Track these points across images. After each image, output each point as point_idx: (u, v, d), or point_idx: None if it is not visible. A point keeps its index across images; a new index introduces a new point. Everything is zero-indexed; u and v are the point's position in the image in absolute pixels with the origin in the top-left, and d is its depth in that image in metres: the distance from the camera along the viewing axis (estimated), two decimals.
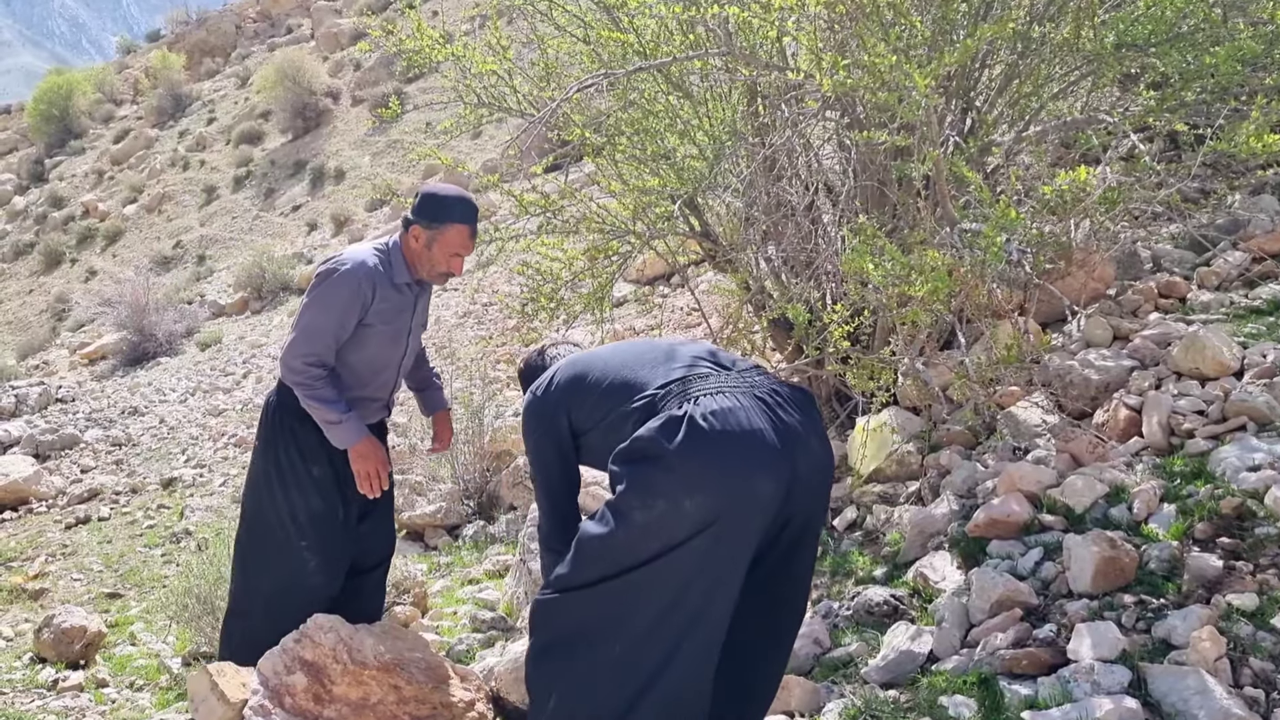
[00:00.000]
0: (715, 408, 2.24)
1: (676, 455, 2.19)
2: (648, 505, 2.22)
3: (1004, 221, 2.44)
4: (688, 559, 2.23)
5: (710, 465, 2.19)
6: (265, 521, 3.40)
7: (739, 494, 2.22)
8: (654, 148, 4.12)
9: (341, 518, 3.41)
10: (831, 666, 3.10)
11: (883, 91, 2.52)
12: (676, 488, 2.20)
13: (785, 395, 2.37)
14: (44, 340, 18.46)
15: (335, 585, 3.42)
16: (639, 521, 2.23)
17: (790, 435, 2.28)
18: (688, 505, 2.19)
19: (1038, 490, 3.43)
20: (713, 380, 2.33)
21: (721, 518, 2.21)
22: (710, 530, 2.21)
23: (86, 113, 31.31)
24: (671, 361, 2.43)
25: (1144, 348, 4.11)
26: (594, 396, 2.47)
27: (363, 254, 3.28)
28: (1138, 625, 2.73)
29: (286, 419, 3.35)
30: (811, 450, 2.34)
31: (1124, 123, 3.13)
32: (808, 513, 2.41)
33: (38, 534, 7.49)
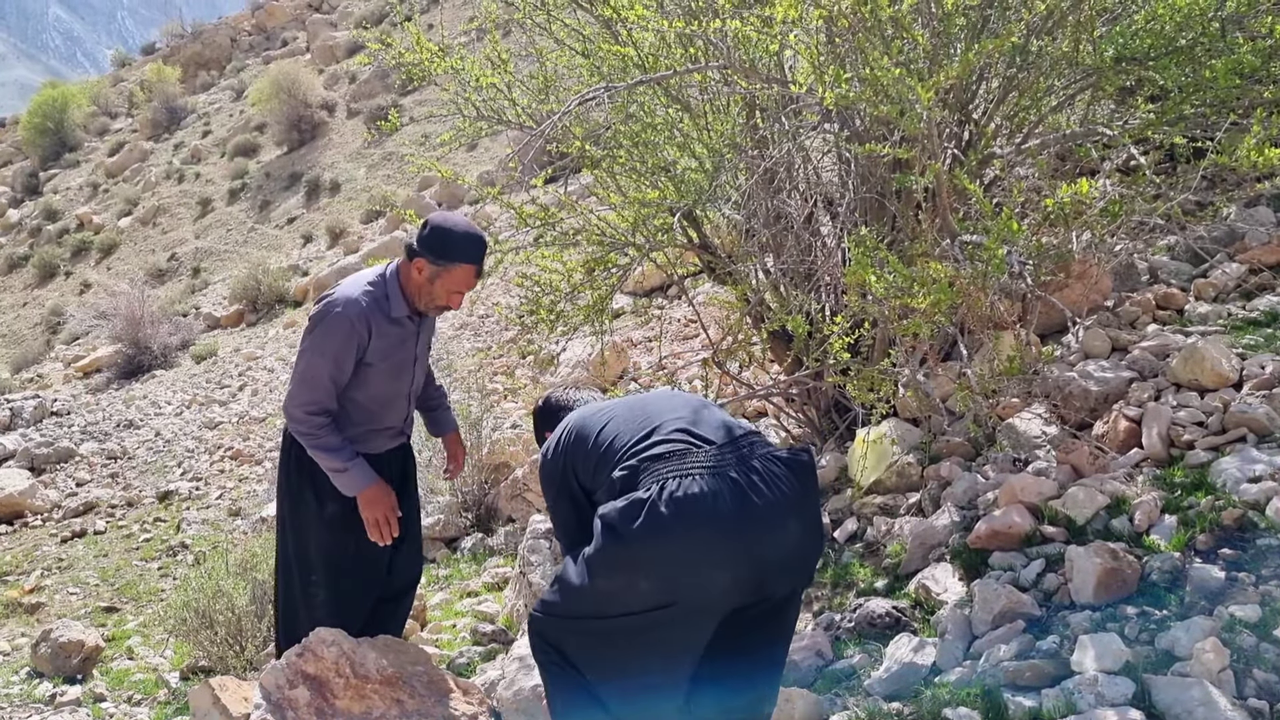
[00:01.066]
0: (680, 494, 2.24)
1: (635, 539, 2.23)
2: (609, 576, 2.31)
3: (1005, 233, 2.45)
4: (646, 626, 2.32)
5: (665, 555, 2.24)
6: (284, 556, 3.42)
7: (692, 585, 2.28)
8: (654, 160, 4.13)
9: (354, 552, 3.35)
10: (834, 679, 3.09)
11: (884, 104, 2.53)
12: (633, 569, 2.28)
13: (765, 472, 2.33)
14: (38, 353, 18.43)
15: (351, 622, 3.31)
16: (602, 587, 2.32)
17: (758, 522, 2.27)
18: (644, 586, 2.28)
19: (1039, 501, 3.43)
20: (688, 460, 2.32)
21: (678, 602, 2.29)
22: (667, 609, 2.29)
23: (81, 126, 31.33)
24: (655, 434, 2.42)
25: (1143, 359, 4.12)
26: (592, 461, 2.51)
27: (355, 291, 3.16)
28: (1140, 636, 2.73)
29: (302, 455, 3.31)
30: (788, 533, 2.33)
31: (1123, 136, 3.14)
32: (789, 586, 2.46)
33: (33, 548, 7.46)
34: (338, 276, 15.13)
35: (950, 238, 2.96)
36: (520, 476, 5.98)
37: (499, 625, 4.45)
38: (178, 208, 23.71)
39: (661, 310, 8.93)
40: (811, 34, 3.21)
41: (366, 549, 3.34)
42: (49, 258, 23.25)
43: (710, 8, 3.90)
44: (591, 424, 2.54)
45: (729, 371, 4.99)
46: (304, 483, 3.32)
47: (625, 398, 2.70)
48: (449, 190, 17.41)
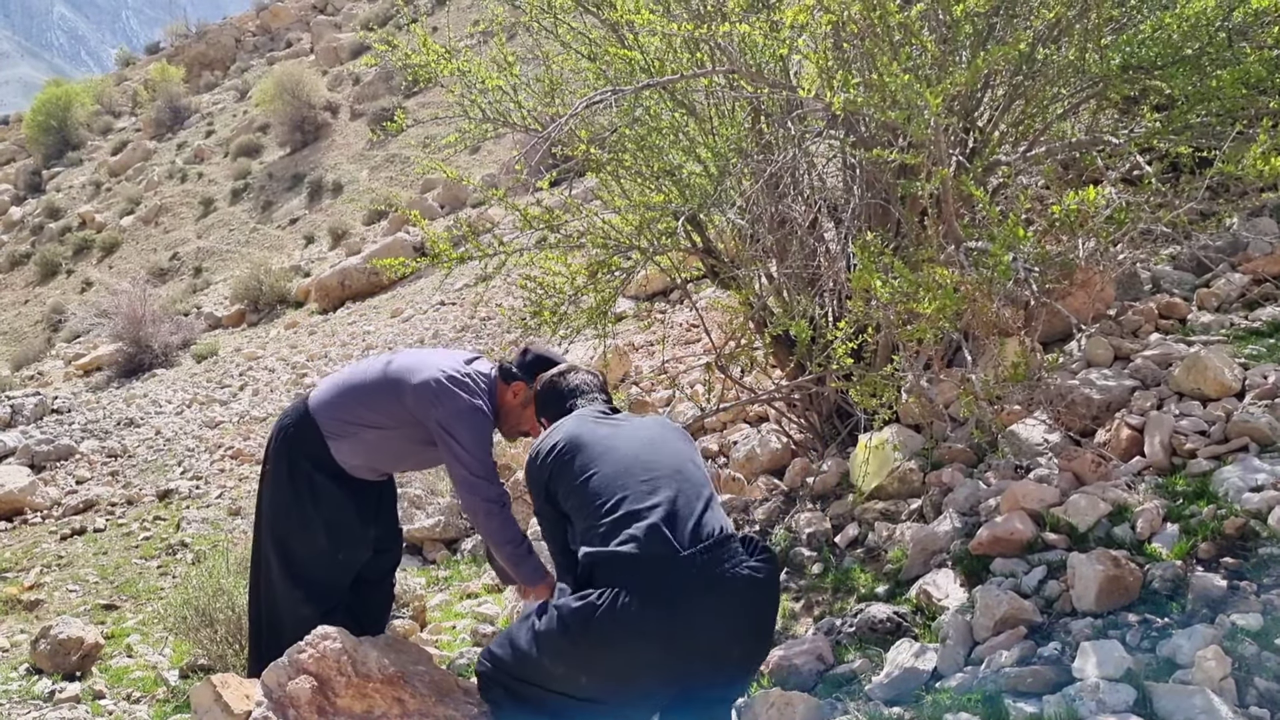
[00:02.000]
0: (633, 608, 2.34)
1: (581, 640, 2.39)
2: (553, 661, 2.47)
3: (1011, 240, 2.46)
4: (586, 709, 2.49)
5: (604, 663, 2.42)
6: (267, 548, 3.42)
7: (623, 693, 2.47)
8: (659, 164, 4.14)
9: (342, 560, 3.43)
10: (835, 683, 3.10)
11: (891, 110, 2.54)
12: (575, 664, 2.45)
13: (721, 595, 2.40)
14: (39, 351, 18.44)
15: (332, 612, 3.39)
16: (547, 667, 2.49)
17: (703, 652, 2.40)
18: (583, 680, 2.46)
19: (1041, 508, 3.44)
20: (648, 572, 2.37)
21: (611, 701, 2.48)
22: (604, 703, 2.48)
23: (85, 124, 31.40)
24: (633, 520, 2.44)
25: (1145, 368, 4.13)
26: (569, 498, 2.59)
27: (480, 395, 3.23)
28: (1142, 644, 2.74)
29: (301, 458, 3.31)
30: (730, 659, 2.48)
31: (1129, 144, 3.15)
32: (728, 688, 2.62)
33: (33, 545, 7.45)
34: (340, 278, 15.16)
35: (955, 244, 2.96)
36: (521, 479, 5.98)
37: (499, 627, 4.45)
38: (180, 207, 23.74)
39: (664, 315, 8.94)
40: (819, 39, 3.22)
41: (349, 559, 3.45)
42: (51, 256, 23.29)
43: (719, 12, 3.91)
44: (581, 460, 2.60)
45: (731, 376, 4.99)
46: (302, 483, 3.32)
47: (618, 434, 2.69)
48: (452, 193, 17.45)
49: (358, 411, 3.28)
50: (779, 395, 5.00)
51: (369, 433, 3.28)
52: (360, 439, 3.29)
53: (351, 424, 3.28)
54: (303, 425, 3.33)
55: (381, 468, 3.45)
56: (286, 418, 3.42)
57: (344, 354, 11.78)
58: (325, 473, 3.31)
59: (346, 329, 13.09)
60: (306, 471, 3.31)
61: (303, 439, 3.32)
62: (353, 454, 3.31)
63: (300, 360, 12.16)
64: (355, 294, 14.93)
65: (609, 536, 2.44)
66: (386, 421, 3.26)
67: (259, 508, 3.47)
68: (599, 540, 2.46)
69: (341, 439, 3.29)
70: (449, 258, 4.58)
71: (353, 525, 3.40)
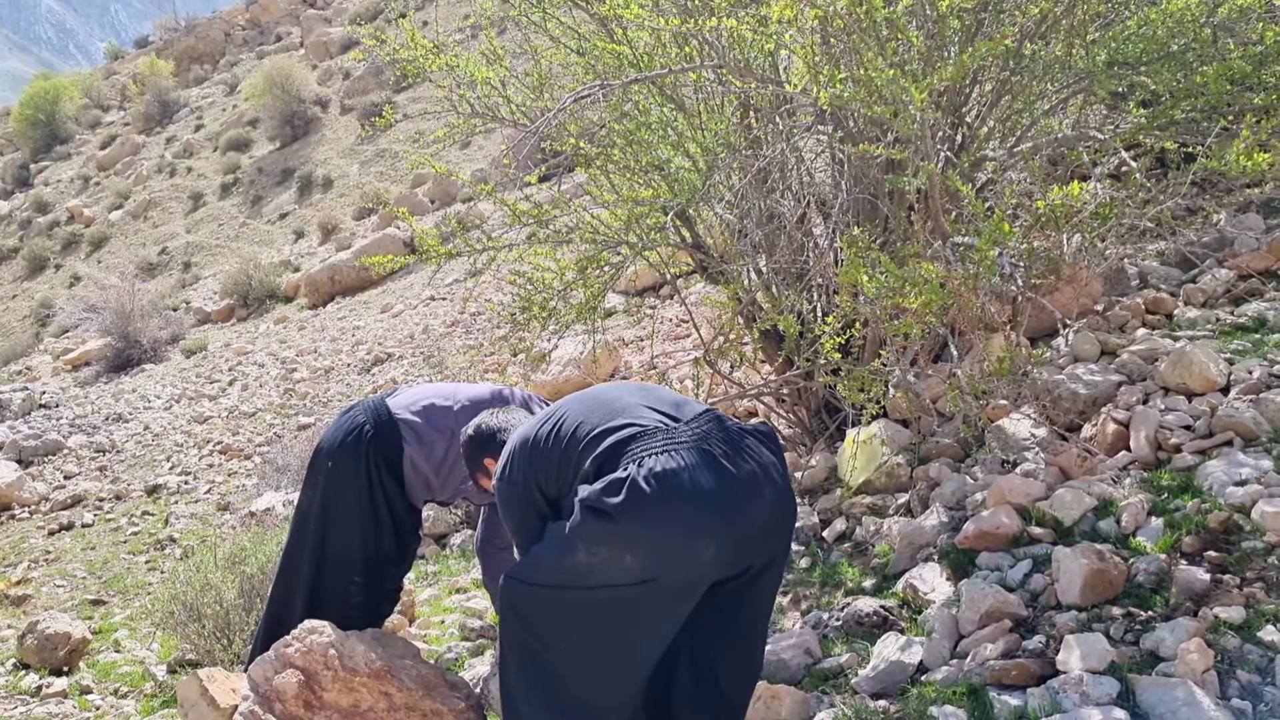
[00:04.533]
0: (659, 469, 2.24)
1: (618, 515, 2.23)
2: (591, 551, 2.28)
3: (997, 235, 2.47)
4: (627, 598, 2.32)
5: (649, 529, 2.24)
6: (315, 554, 3.42)
7: (679, 558, 2.28)
8: (648, 158, 4.14)
9: (395, 558, 3.47)
10: (822, 676, 3.11)
11: (878, 105, 2.54)
12: (618, 544, 2.26)
13: (737, 444, 2.35)
14: (27, 345, 18.36)
15: (377, 622, 3.45)
16: (583, 561, 2.29)
17: (736, 492, 2.29)
18: (628, 560, 2.27)
19: (1027, 503, 3.45)
20: (659, 438, 2.32)
21: (663, 576, 2.29)
22: (650, 583, 2.29)
23: (73, 118, 31.25)
24: (621, 416, 2.40)
25: (1131, 363, 4.14)
26: (554, 460, 2.45)
27: None
28: (1126, 637, 2.75)
29: (379, 462, 3.32)
30: (764, 501, 2.34)
31: (1115, 140, 3.16)
32: (768, 555, 2.46)
33: (20, 540, 7.43)
34: (330, 273, 15.12)
35: (942, 239, 2.97)
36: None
37: (487, 621, 4.45)
38: (169, 202, 23.65)
39: (653, 310, 8.94)
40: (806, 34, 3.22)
41: (403, 558, 3.50)
42: (39, 250, 23.18)
43: (706, 7, 3.91)
44: (542, 430, 2.50)
45: (720, 371, 5.00)
46: (376, 487, 3.32)
47: (569, 396, 2.65)
48: (442, 188, 17.40)
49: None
50: (767, 390, 5.00)
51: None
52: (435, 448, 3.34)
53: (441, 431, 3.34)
54: (379, 427, 3.36)
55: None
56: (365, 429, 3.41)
57: (334, 349, 11.75)
58: (394, 473, 3.35)
59: (336, 324, 13.06)
60: (380, 470, 3.35)
61: (378, 439, 3.35)
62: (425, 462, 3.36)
63: (290, 355, 12.12)
64: (345, 289, 14.88)
65: (608, 436, 2.35)
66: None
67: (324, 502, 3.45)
68: (599, 443, 2.36)
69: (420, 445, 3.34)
70: (438, 254, 4.58)
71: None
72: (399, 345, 10.98)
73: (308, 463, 3.58)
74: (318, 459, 3.46)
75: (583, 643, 2.39)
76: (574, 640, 2.39)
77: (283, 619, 3.41)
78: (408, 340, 11.06)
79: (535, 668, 2.44)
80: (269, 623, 3.48)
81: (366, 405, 3.47)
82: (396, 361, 10.51)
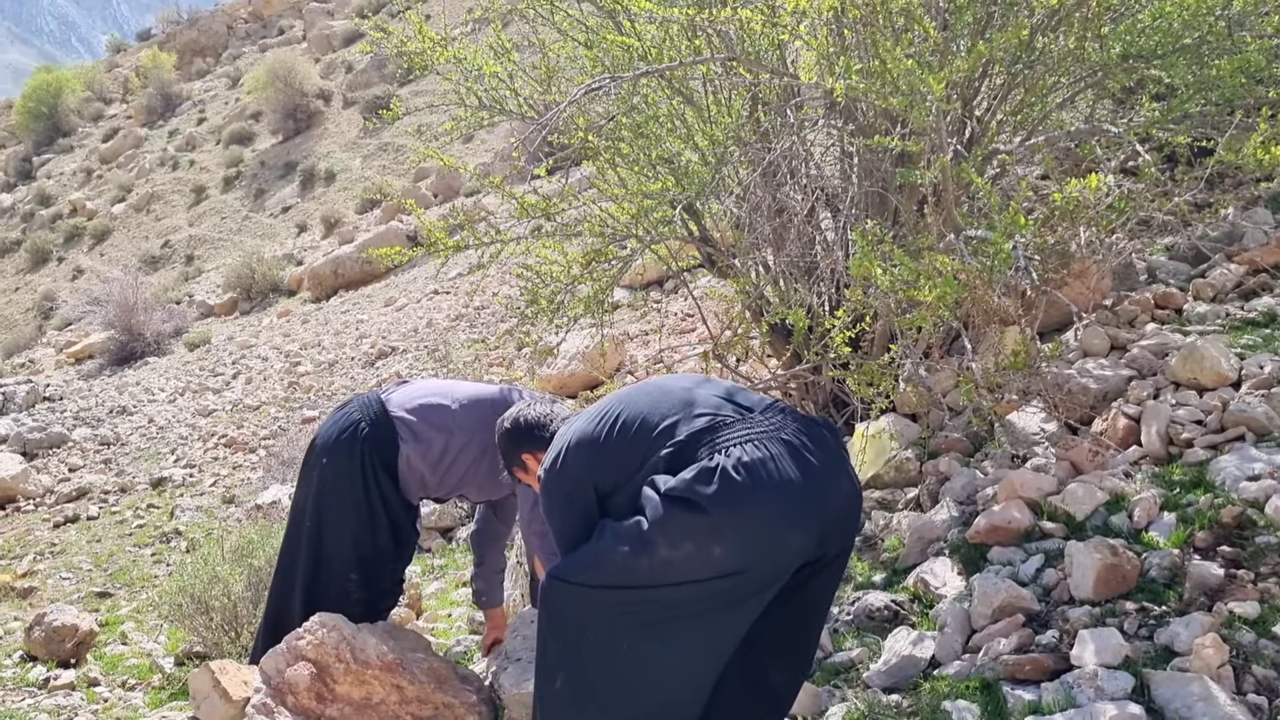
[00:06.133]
0: (746, 459, 2.21)
1: (710, 505, 2.17)
2: (675, 546, 2.21)
3: (1011, 228, 2.45)
4: (707, 593, 2.25)
5: (742, 521, 2.19)
6: (312, 552, 3.41)
7: (769, 549, 2.24)
8: (658, 151, 4.12)
9: (391, 556, 3.49)
10: (833, 671, 3.10)
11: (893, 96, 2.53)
12: (707, 536, 2.20)
13: (810, 435, 2.34)
14: (30, 339, 18.37)
15: (377, 614, 3.44)
16: (664, 556, 2.22)
17: (821, 481, 2.27)
18: (717, 552, 2.21)
19: (1038, 497, 3.44)
20: (739, 428, 2.29)
21: (751, 568, 2.24)
22: (737, 576, 2.23)
23: (75, 111, 31.21)
24: (694, 407, 2.36)
25: (1142, 357, 4.13)
26: (618, 455, 2.38)
27: None
28: (1140, 632, 2.74)
29: (374, 461, 3.31)
30: (842, 492, 2.34)
31: (1128, 134, 3.15)
32: (840, 545, 2.44)
33: (26, 532, 7.44)
34: (333, 267, 15.11)
35: (955, 232, 2.96)
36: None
37: None
38: (172, 195, 23.64)
39: (659, 304, 8.92)
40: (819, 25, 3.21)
41: (401, 555, 3.51)
42: (42, 243, 23.18)
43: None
44: (600, 427, 2.44)
45: (727, 365, 4.99)
46: (372, 485, 3.31)
47: (623, 390, 2.60)
48: (446, 182, 17.39)
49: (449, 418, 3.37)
50: (775, 384, 4.99)
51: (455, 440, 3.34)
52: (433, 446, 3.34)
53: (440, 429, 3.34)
54: (375, 425, 3.35)
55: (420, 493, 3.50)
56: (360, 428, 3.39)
57: (337, 343, 11.74)
58: (389, 472, 3.35)
59: (340, 318, 13.05)
60: (375, 468, 3.33)
61: (374, 437, 3.34)
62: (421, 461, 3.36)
63: (293, 349, 12.12)
64: (348, 283, 14.88)
65: (682, 427, 2.31)
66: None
67: (319, 499, 3.43)
68: (673, 434, 2.31)
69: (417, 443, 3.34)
70: (444, 246, 4.57)
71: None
72: (403, 339, 10.97)
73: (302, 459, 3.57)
74: (312, 455, 3.45)
75: (646, 648, 2.31)
76: (636, 645, 2.30)
77: (283, 615, 3.40)
78: (411, 334, 11.05)
79: (583, 677, 2.35)
80: (270, 620, 3.48)
81: (362, 401, 3.44)
82: (400, 355, 10.51)
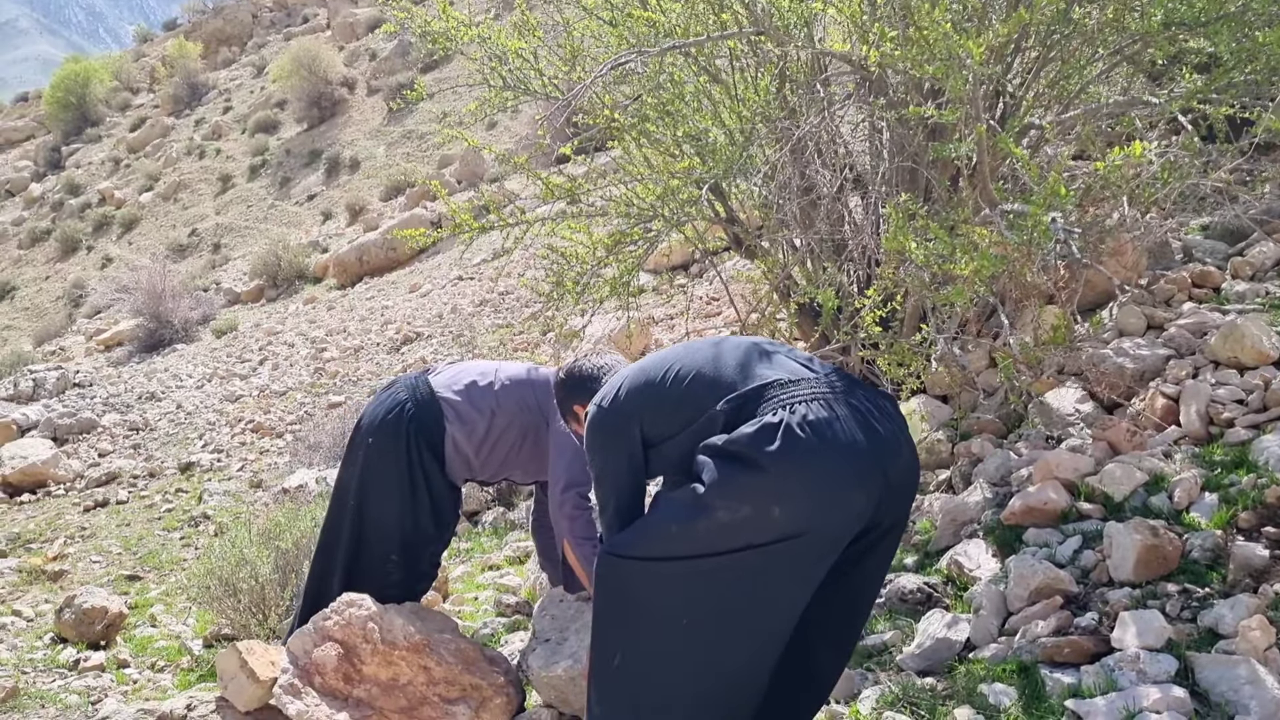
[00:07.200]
0: (812, 417, 2.14)
1: (771, 463, 2.11)
2: (733, 508, 2.15)
3: (1052, 200, 2.39)
4: (766, 559, 2.18)
5: (805, 478, 2.13)
6: (355, 530, 3.38)
7: (832, 509, 2.17)
8: (685, 128, 4.06)
9: (432, 536, 3.44)
10: (865, 653, 3.05)
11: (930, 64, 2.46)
12: (766, 496, 2.13)
13: (875, 403, 2.28)
14: (60, 326, 18.53)
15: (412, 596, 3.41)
16: (722, 520, 2.16)
17: (883, 446, 2.20)
18: (776, 513, 2.14)
19: (1075, 478, 3.37)
20: (804, 386, 2.22)
21: (811, 530, 2.16)
22: (797, 539, 2.16)
23: (103, 101, 31.41)
24: (757, 364, 2.30)
25: (1180, 337, 4.05)
26: (671, 402, 2.33)
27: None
28: (1183, 614, 2.68)
29: (419, 441, 3.28)
30: (902, 458, 2.28)
31: (1170, 104, 3.06)
32: (895, 517, 2.36)
33: (56, 516, 7.49)
34: (358, 254, 15.14)
35: (990, 206, 2.89)
36: None
37: (522, 598, 4.43)
38: (199, 183, 23.76)
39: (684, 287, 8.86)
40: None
41: (441, 537, 3.46)
42: (71, 232, 23.36)
43: None
44: (655, 370, 2.38)
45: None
46: (416, 467, 3.28)
47: (681, 344, 2.52)
48: (469, 169, 17.36)
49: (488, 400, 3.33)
50: None
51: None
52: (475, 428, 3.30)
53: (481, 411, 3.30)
54: (420, 406, 3.31)
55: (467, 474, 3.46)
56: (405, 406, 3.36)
57: (363, 329, 11.76)
58: (434, 454, 3.31)
59: (365, 304, 13.07)
60: (421, 450, 3.30)
61: (419, 419, 3.30)
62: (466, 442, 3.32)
63: (319, 335, 12.15)
64: (373, 269, 14.90)
65: (744, 383, 2.24)
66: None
67: (363, 479, 3.40)
68: (733, 388, 2.24)
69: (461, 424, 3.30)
70: (471, 227, 4.54)
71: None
72: (427, 325, 10.97)
73: (348, 439, 3.55)
74: (358, 435, 3.43)
75: (705, 625, 2.23)
76: (695, 622, 2.23)
77: (322, 595, 3.38)
78: (436, 319, 11.05)
79: (642, 657, 2.28)
80: (309, 599, 3.46)
81: (407, 382, 3.42)
82: (425, 341, 10.51)
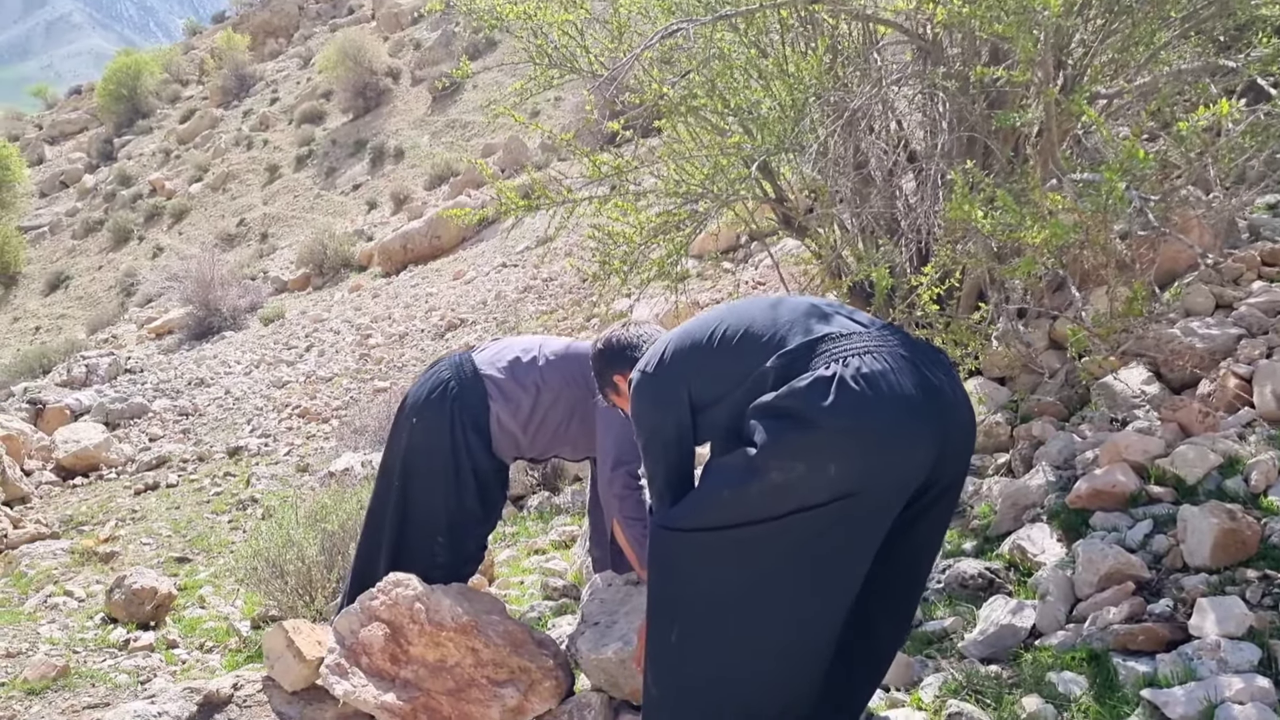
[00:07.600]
0: (866, 370, 2.04)
1: (825, 418, 2.01)
2: (786, 468, 2.05)
3: (1128, 163, 2.26)
4: (824, 520, 2.08)
5: (861, 432, 2.03)
6: (400, 513, 3.33)
7: (889, 464, 2.07)
8: (737, 100, 3.96)
9: (480, 520, 3.38)
10: (925, 640, 2.95)
11: (1000, 21, 2.34)
12: (821, 453, 2.04)
13: (932, 357, 2.18)
14: (113, 315, 18.80)
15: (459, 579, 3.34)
16: (776, 481, 2.06)
17: (940, 399, 2.10)
18: (832, 471, 2.04)
19: (1144, 460, 3.24)
20: (857, 339, 2.11)
21: (868, 488, 2.06)
22: (854, 498, 2.06)
23: (154, 93, 31.84)
24: (807, 319, 2.19)
25: (1250, 315, 3.89)
26: (720, 362, 2.24)
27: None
28: (1264, 601, 2.55)
29: (464, 420, 3.22)
30: (960, 413, 2.17)
31: (1247, 68, 2.91)
32: (951, 476, 2.24)
33: (108, 499, 7.57)
34: (402, 242, 15.20)
35: (1059, 175, 2.76)
36: None
37: (568, 581, 4.37)
38: (246, 174, 24.00)
39: (730, 271, 8.76)
40: None
41: (488, 519, 3.39)
42: (123, 222, 23.71)
43: None
44: (701, 331, 2.29)
45: None
46: (462, 449, 3.21)
47: (717, 308, 2.42)
48: (513, 156, 17.34)
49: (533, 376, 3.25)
50: None
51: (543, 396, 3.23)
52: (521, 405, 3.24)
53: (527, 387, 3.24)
54: (463, 389, 3.25)
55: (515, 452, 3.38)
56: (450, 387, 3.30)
57: (407, 315, 11.79)
58: (481, 436, 3.24)
59: (409, 291, 13.11)
60: (468, 432, 3.23)
61: (463, 402, 3.24)
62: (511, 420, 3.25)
63: (364, 322, 12.20)
64: (417, 257, 14.94)
65: (795, 337, 2.14)
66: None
67: (407, 459, 3.34)
68: (784, 343, 2.14)
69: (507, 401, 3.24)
70: (517, 205, 4.48)
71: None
72: (471, 311, 10.97)
73: (392, 419, 3.50)
74: (402, 415, 3.38)
75: (763, 596, 2.15)
76: (752, 593, 2.15)
77: (368, 577, 3.33)
78: (480, 306, 11.04)
79: (699, 631, 2.21)
80: (355, 579, 3.42)
81: (452, 361, 3.36)
82: (470, 327, 10.50)
